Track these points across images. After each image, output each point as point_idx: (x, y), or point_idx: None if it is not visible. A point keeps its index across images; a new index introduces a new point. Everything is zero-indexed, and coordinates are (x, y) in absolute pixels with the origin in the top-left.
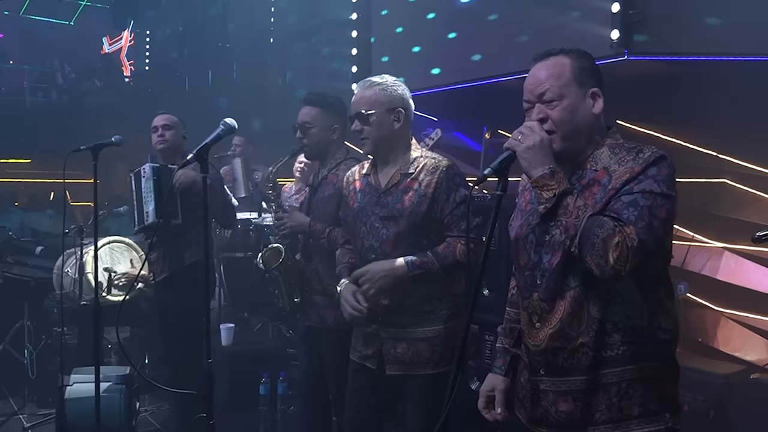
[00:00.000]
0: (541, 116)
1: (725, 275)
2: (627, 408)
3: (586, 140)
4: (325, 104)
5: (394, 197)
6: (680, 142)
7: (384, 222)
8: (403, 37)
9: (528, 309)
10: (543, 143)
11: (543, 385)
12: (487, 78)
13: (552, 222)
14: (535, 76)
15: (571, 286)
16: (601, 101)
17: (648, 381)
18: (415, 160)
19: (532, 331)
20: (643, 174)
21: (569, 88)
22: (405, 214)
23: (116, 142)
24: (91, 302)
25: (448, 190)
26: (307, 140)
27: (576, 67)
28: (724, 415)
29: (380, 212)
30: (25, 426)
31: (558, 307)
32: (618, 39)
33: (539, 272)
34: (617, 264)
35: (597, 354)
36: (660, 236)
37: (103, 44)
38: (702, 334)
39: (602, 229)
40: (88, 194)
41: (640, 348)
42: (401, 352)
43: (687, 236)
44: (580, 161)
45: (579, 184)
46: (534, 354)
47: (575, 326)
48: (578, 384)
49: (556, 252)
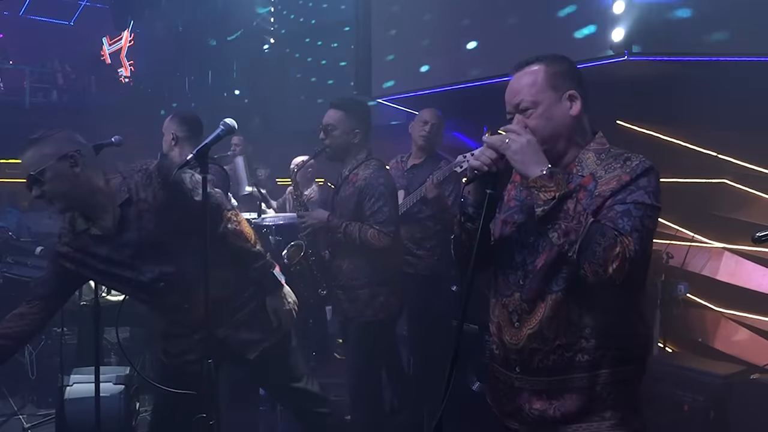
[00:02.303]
0: (520, 127)
1: (725, 275)
2: (600, 410)
3: (565, 142)
4: (350, 108)
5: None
6: (680, 142)
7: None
8: (402, 37)
9: (508, 307)
10: (531, 144)
11: (518, 383)
12: (486, 79)
13: (549, 224)
14: (511, 87)
15: (553, 289)
16: (579, 102)
17: (621, 384)
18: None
19: (510, 329)
20: (633, 184)
21: (543, 94)
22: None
23: (116, 142)
24: (91, 302)
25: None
26: (329, 141)
27: (550, 72)
28: (724, 415)
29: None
30: (25, 426)
31: (538, 309)
32: (618, 39)
33: (522, 273)
34: (615, 273)
35: (573, 356)
36: (648, 246)
37: (103, 44)
38: (702, 334)
39: (604, 238)
40: None
41: (616, 352)
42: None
43: (687, 236)
44: (564, 165)
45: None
46: (510, 351)
47: (554, 329)
48: (553, 384)
49: (540, 254)
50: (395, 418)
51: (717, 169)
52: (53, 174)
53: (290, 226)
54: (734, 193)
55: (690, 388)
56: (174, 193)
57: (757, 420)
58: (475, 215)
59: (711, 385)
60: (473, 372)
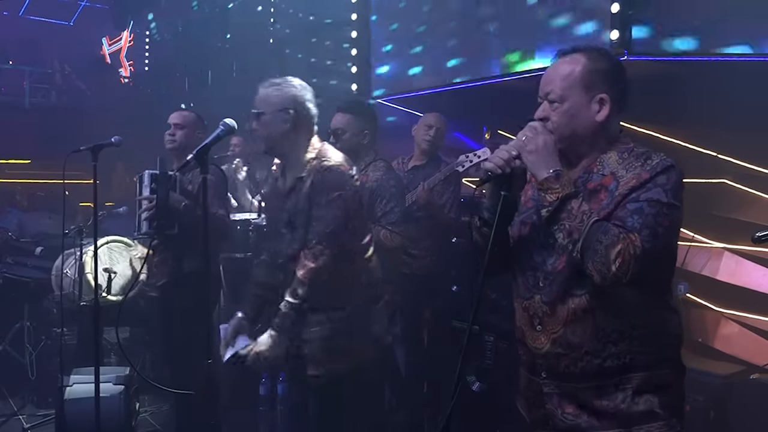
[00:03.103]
0: (544, 115)
1: (725, 275)
2: (635, 415)
3: (588, 146)
4: (357, 111)
5: (292, 202)
6: (680, 142)
7: (288, 227)
8: (401, 38)
9: (529, 310)
10: (547, 145)
11: (546, 388)
12: (485, 79)
13: (555, 225)
14: (547, 74)
15: (576, 293)
16: (608, 108)
17: (657, 388)
18: (308, 162)
19: (533, 333)
20: (651, 182)
21: (573, 90)
22: (301, 219)
23: (116, 142)
24: (91, 303)
25: (318, 192)
26: (340, 144)
27: (589, 69)
28: (724, 415)
29: (285, 217)
30: (25, 426)
31: (560, 313)
32: (618, 39)
33: (542, 274)
34: (619, 271)
35: (603, 362)
36: (664, 244)
37: (102, 44)
38: (702, 334)
39: (606, 236)
40: (87, 195)
41: (646, 356)
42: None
43: (687, 236)
44: (585, 165)
45: (585, 188)
46: (535, 356)
47: (579, 334)
48: (583, 390)
49: (560, 255)
50: (394, 418)
51: (717, 169)
52: (269, 119)
53: None
54: (734, 193)
55: (690, 388)
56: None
57: (757, 420)
58: (491, 220)
59: (711, 385)
60: (473, 372)
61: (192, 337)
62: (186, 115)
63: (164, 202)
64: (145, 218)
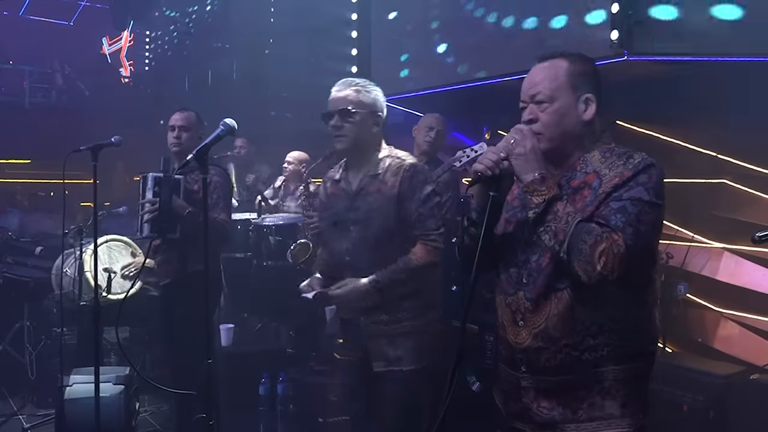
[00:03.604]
0: (531, 117)
1: (725, 275)
2: (610, 407)
3: (574, 145)
4: None
5: (364, 200)
6: (680, 142)
7: (356, 225)
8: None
9: (512, 306)
10: (534, 149)
11: (524, 382)
12: (485, 79)
13: (541, 227)
14: (530, 77)
15: (558, 288)
16: (594, 107)
17: (631, 381)
18: (381, 160)
19: (515, 329)
20: (633, 180)
21: (561, 91)
22: (374, 217)
23: (116, 142)
24: (91, 302)
25: (411, 188)
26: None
27: (572, 71)
28: (724, 415)
29: (353, 216)
30: (25, 426)
31: (543, 308)
32: (617, 39)
33: (526, 271)
34: (604, 270)
35: (581, 355)
36: (647, 242)
37: (102, 44)
38: (702, 334)
39: (590, 236)
40: (87, 194)
41: (625, 349)
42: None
43: (687, 236)
44: (569, 163)
45: (569, 185)
46: (515, 351)
47: (560, 327)
48: (560, 383)
49: (544, 252)
50: None
51: (717, 169)
52: (361, 119)
53: (290, 226)
54: (734, 193)
55: (690, 388)
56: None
57: (757, 420)
58: (479, 220)
59: (711, 385)
60: (473, 372)
61: (192, 338)
62: (189, 116)
63: (167, 206)
64: (146, 221)
